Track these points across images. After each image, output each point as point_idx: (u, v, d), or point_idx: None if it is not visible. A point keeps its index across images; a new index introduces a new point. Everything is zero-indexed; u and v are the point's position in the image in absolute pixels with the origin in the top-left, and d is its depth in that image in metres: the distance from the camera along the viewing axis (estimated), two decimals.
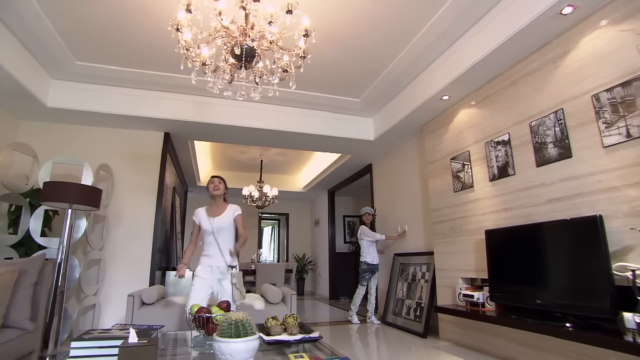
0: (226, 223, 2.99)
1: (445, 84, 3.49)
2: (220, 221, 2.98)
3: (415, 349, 3.59)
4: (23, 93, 3.64)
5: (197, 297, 2.83)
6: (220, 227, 2.97)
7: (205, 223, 3.00)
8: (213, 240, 2.95)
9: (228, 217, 3.03)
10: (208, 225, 2.98)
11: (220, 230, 2.96)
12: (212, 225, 2.96)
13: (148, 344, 1.24)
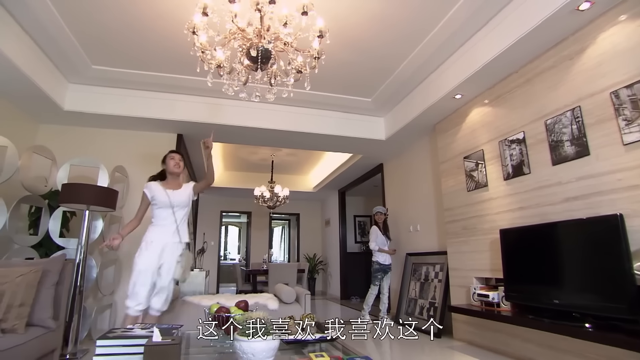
0: (185, 197, 2.85)
1: (457, 83, 3.47)
2: (179, 195, 2.83)
3: (429, 348, 3.58)
4: (42, 97, 3.73)
5: (144, 277, 2.63)
6: (179, 201, 2.81)
7: (162, 196, 2.78)
8: (169, 215, 2.78)
9: (187, 191, 2.90)
10: (165, 198, 2.78)
11: (180, 204, 2.81)
12: (170, 198, 2.78)
13: (172, 343, 1.26)
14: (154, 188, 2.83)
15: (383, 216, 5.16)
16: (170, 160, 2.92)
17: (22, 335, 2.09)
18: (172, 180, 2.91)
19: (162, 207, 2.76)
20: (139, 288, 2.60)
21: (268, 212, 8.88)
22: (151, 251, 2.68)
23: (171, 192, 2.80)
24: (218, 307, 1.79)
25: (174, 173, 2.91)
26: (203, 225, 8.00)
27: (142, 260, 2.65)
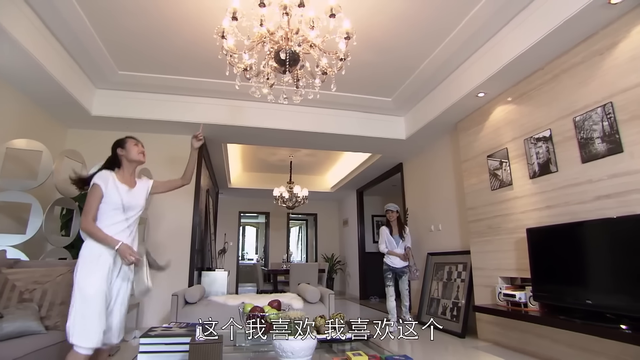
0: (141, 200, 2.16)
1: (481, 81, 3.43)
2: (136, 195, 2.12)
3: (454, 349, 3.56)
4: (72, 103, 3.86)
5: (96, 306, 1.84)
6: (136, 203, 2.11)
7: (114, 193, 2.01)
8: (122, 219, 2.02)
9: (143, 190, 2.20)
10: (117, 197, 2.01)
11: (135, 208, 2.10)
12: (123, 198, 2.03)
13: (215, 341, 1.30)
14: (110, 181, 2.03)
15: (395, 214, 4.66)
16: (133, 147, 2.18)
17: (63, 331, 2.17)
18: (127, 174, 2.17)
19: (114, 207, 2.01)
20: (91, 322, 1.80)
21: (286, 213, 8.94)
22: (101, 268, 1.90)
23: (125, 190, 2.07)
24: (252, 306, 1.83)
25: (136, 162, 2.19)
26: (222, 226, 8.12)
27: (91, 283, 1.85)
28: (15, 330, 1.93)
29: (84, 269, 1.89)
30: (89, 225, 1.94)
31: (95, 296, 1.83)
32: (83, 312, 1.80)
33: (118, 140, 2.21)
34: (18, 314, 2.00)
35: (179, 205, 4.63)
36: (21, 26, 2.81)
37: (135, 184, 2.17)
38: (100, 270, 1.89)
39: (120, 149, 2.15)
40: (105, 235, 1.93)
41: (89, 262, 1.91)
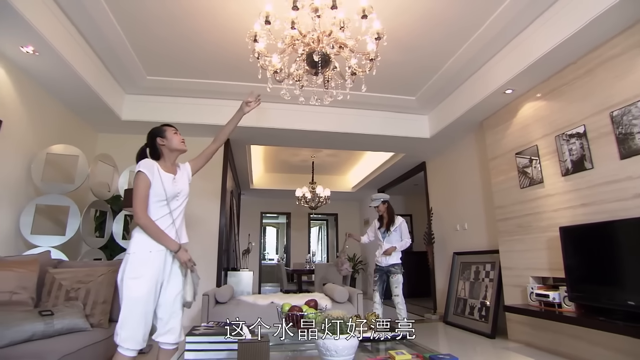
0: (186, 185, 2.08)
1: (509, 78, 3.37)
2: (181, 182, 2.04)
3: (484, 349, 3.51)
4: (104, 108, 3.99)
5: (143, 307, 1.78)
6: (180, 191, 2.02)
7: (159, 185, 1.91)
8: (166, 214, 1.93)
9: (185, 176, 2.10)
10: (161, 189, 1.91)
11: (180, 196, 2.02)
12: (167, 187, 1.93)
13: (263, 340, 1.33)
14: (155, 170, 1.94)
15: (384, 206, 4.15)
16: (174, 135, 2.09)
17: (107, 329, 2.26)
18: (169, 164, 2.07)
19: (159, 199, 1.91)
20: (137, 324, 1.75)
21: (307, 213, 8.98)
22: (151, 268, 1.82)
23: (170, 180, 1.97)
24: (290, 306, 1.85)
25: (178, 151, 2.10)
26: (245, 227, 8.22)
27: (139, 284, 1.77)
28: (65, 327, 2.02)
29: (131, 270, 1.78)
30: (147, 219, 1.83)
31: (141, 299, 1.76)
32: (129, 313, 1.75)
33: (155, 129, 2.11)
34: (66, 312, 2.09)
35: (205, 207, 4.72)
36: (59, 34, 2.93)
37: (177, 172, 2.07)
38: (150, 270, 1.80)
39: (160, 139, 2.05)
40: (165, 235, 1.85)
41: (137, 260, 1.80)
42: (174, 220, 1.95)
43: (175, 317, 1.91)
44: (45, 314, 1.99)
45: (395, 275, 3.95)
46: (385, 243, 4.04)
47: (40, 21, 2.66)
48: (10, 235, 3.15)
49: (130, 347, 1.75)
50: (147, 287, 1.78)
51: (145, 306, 1.78)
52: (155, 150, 2.07)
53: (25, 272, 2.14)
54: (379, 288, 4.09)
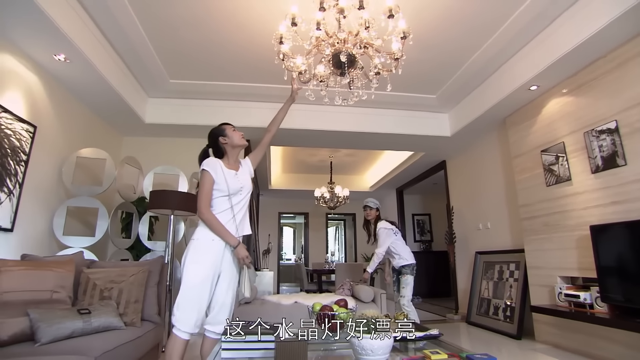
0: (248, 180, 2.19)
1: (534, 74, 3.31)
2: (241, 178, 2.14)
3: (510, 350, 3.45)
4: (128, 112, 4.08)
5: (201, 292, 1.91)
6: (243, 186, 2.12)
7: (222, 181, 2.03)
8: (228, 209, 2.04)
9: (246, 172, 2.23)
10: (234, 183, 2.06)
11: (243, 190, 2.12)
12: (230, 183, 2.05)
13: (301, 340, 1.34)
14: (218, 168, 2.07)
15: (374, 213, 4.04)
16: (234, 132, 2.19)
17: (140, 328, 2.32)
18: (232, 160, 2.20)
19: (222, 195, 2.04)
20: (192, 308, 1.88)
21: (324, 213, 8.99)
22: (212, 255, 1.95)
23: (232, 176, 2.08)
24: (321, 306, 1.87)
25: (239, 146, 2.22)
26: (263, 227, 8.28)
27: (198, 271, 1.90)
28: (101, 325, 2.08)
29: (193, 255, 1.94)
30: (209, 214, 1.97)
31: (199, 285, 1.89)
32: (186, 297, 1.89)
33: (215, 129, 2.23)
34: (102, 311, 2.15)
35: None
36: (88, 42, 3.02)
37: (239, 168, 2.20)
38: (210, 257, 1.94)
39: (222, 138, 2.18)
40: (226, 230, 1.97)
41: (200, 247, 1.95)
42: (234, 214, 2.06)
43: (225, 309, 2.01)
44: (83, 312, 2.05)
45: (404, 276, 3.80)
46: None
47: (72, 30, 2.75)
48: (44, 236, 3.26)
49: (183, 329, 1.89)
50: (205, 273, 1.92)
51: (201, 291, 1.90)
52: (218, 149, 2.21)
53: (63, 272, 2.21)
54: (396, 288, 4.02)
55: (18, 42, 2.75)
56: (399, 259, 3.85)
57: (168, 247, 3.60)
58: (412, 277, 3.78)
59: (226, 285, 2.01)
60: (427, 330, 1.97)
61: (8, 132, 2.71)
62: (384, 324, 1.49)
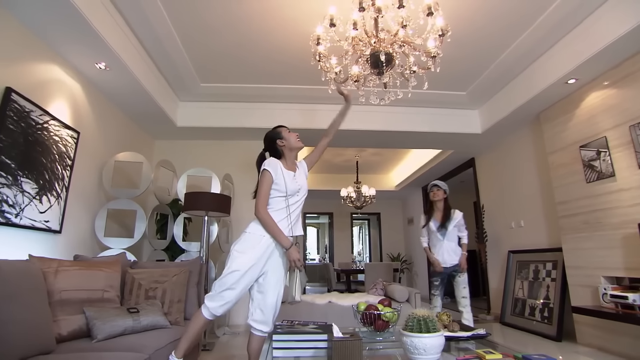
0: (304, 181, 2.24)
1: (572, 67, 3.21)
2: (298, 179, 2.17)
3: (552, 353, 3.34)
4: (162, 116, 4.20)
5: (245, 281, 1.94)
6: (300, 187, 2.16)
7: (281, 182, 2.06)
8: (283, 208, 2.07)
9: (302, 173, 2.26)
10: (292, 184, 2.09)
11: (300, 191, 2.15)
12: (288, 185, 2.07)
13: (355, 339, 1.35)
14: (278, 168, 2.09)
15: (441, 193, 3.60)
16: (289, 134, 2.22)
17: (184, 327, 2.37)
18: (290, 162, 2.23)
19: (279, 195, 2.07)
20: (228, 292, 1.92)
21: (349, 213, 8.97)
22: (259, 250, 1.98)
23: (291, 177, 2.11)
24: (366, 305, 1.87)
25: (297, 149, 2.26)
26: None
27: (244, 261, 1.93)
28: (149, 323, 2.15)
29: (243, 244, 1.99)
30: (266, 214, 2.00)
31: (240, 274, 1.91)
32: (225, 281, 1.92)
33: (272, 133, 2.25)
34: (149, 310, 2.22)
35: None
36: (127, 49, 3.12)
37: (296, 170, 2.22)
38: (256, 252, 1.96)
39: (280, 141, 2.21)
40: (280, 231, 1.98)
41: (250, 239, 2.00)
42: (289, 214, 2.08)
43: (271, 309, 2.01)
44: (132, 311, 2.13)
45: (462, 275, 3.51)
46: (446, 241, 3.53)
47: (113, 39, 2.85)
48: (87, 237, 3.39)
49: (208, 305, 1.93)
50: (248, 264, 1.93)
51: (241, 280, 1.92)
52: (276, 152, 2.23)
53: (111, 272, 2.29)
54: (440, 292, 3.59)
55: (65, 53, 2.89)
56: (454, 257, 3.51)
57: (203, 247, 3.68)
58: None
59: (274, 285, 2.02)
60: (473, 330, 1.94)
61: (56, 139, 2.84)
62: (435, 323, 1.48)
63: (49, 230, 2.80)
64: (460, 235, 3.60)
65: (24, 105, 2.49)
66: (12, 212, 2.38)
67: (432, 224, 3.59)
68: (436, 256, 3.54)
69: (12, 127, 2.38)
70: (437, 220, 3.58)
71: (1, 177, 2.29)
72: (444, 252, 3.51)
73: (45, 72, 2.78)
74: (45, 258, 2.07)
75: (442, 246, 3.53)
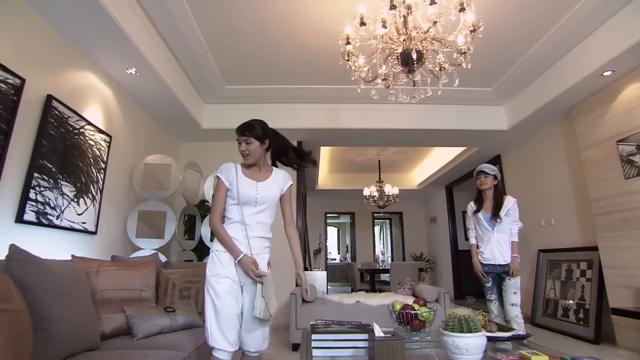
0: (271, 195, 1.92)
1: (609, 58, 3.08)
2: (263, 191, 1.89)
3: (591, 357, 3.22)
4: (188, 119, 4.27)
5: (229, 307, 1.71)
6: (260, 198, 1.87)
7: (234, 186, 1.85)
8: (239, 217, 1.83)
9: (276, 186, 1.95)
10: (247, 191, 1.85)
11: (258, 202, 1.87)
12: (250, 192, 1.85)
13: (398, 338, 1.33)
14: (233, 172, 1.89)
15: (490, 180, 3.11)
16: (238, 147, 1.96)
17: None
18: (263, 169, 1.98)
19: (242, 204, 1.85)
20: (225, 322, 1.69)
21: (370, 212, 8.92)
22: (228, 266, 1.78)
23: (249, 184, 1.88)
24: (401, 305, 1.85)
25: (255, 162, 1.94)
26: (311, 227, 8.37)
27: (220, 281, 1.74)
28: (185, 322, 2.19)
29: (211, 267, 1.78)
30: (215, 224, 1.81)
31: (224, 295, 1.70)
32: (216, 312, 1.68)
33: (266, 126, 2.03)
34: (184, 309, 2.27)
35: None
36: (156, 54, 3.20)
37: (267, 179, 1.93)
38: (225, 269, 1.75)
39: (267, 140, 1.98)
40: (230, 242, 1.76)
41: (216, 259, 1.78)
42: (245, 226, 1.82)
43: (252, 328, 1.79)
44: (169, 310, 2.18)
45: (514, 277, 2.93)
46: (496, 232, 3.03)
47: (143, 45, 2.93)
48: (119, 238, 3.49)
49: (219, 347, 1.66)
50: (225, 286, 1.72)
51: (227, 304, 1.70)
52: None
53: (147, 272, 2.35)
54: (495, 296, 3.06)
55: (98, 60, 2.99)
56: (506, 252, 3.00)
57: None
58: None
59: (247, 302, 1.80)
60: (512, 331, 1.89)
61: (91, 143, 2.94)
62: (476, 322, 1.45)
63: (86, 231, 2.89)
64: (511, 227, 3.05)
65: (62, 112, 2.58)
66: (54, 214, 2.48)
67: (482, 215, 3.10)
68: (484, 251, 3.04)
69: (53, 133, 2.48)
70: (486, 212, 3.10)
71: (44, 181, 2.38)
72: (493, 246, 3.00)
73: (80, 79, 2.87)
74: (86, 258, 2.14)
75: (490, 239, 3.02)
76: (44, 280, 1.41)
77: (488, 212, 3.09)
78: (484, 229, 3.09)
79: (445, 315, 1.45)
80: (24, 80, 2.21)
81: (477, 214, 3.13)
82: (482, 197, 3.16)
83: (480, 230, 3.13)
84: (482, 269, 3.07)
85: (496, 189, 3.12)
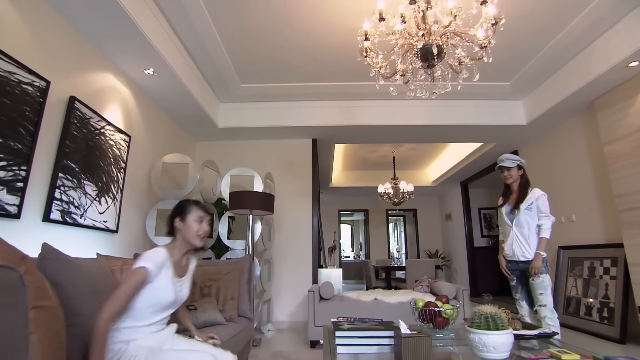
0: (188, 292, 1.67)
1: (635, 49, 2.99)
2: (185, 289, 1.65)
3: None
4: (204, 118, 4.31)
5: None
6: (183, 297, 1.62)
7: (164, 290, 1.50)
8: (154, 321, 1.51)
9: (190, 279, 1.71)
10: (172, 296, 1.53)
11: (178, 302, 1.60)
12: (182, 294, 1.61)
13: (425, 335, 1.32)
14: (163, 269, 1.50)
15: (515, 172, 2.91)
16: (195, 223, 1.61)
17: (238, 324, 2.44)
18: (183, 258, 1.66)
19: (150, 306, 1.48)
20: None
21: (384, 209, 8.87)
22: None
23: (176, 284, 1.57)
24: (424, 302, 1.83)
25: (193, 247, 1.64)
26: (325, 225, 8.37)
27: None
28: (206, 320, 2.21)
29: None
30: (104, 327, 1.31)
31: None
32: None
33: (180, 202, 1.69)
34: (206, 307, 2.29)
35: (297, 206, 4.89)
36: (173, 55, 3.23)
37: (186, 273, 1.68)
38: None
39: (178, 219, 1.61)
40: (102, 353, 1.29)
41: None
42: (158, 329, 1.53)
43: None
44: (191, 308, 2.20)
45: (539, 276, 2.68)
46: (515, 227, 2.82)
47: (161, 45, 2.96)
48: (139, 236, 3.55)
49: None
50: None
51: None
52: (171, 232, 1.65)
53: None
54: (522, 295, 2.87)
55: (117, 61, 3.04)
56: (529, 249, 2.77)
57: (248, 245, 3.76)
58: (548, 276, 2.73)
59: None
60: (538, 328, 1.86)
61: (112, 143, 2.99)
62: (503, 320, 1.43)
63: (108, 229, 2.95)
64: (539, 223, 2.78)
65: (85, 113, 2.63)
66: (78, 213, 2.53)
67: (504, 209, 2.94)
68: (506, 247, 2.88)
69: (76, 133, 2.53)
70: (510, 204, 2.91)
71: (68, 181, 2.44)
72: (513, 241, 2.82)
73: (101, 80, 2.92)
74: (111, 256, 2.18)
75: (510, 234, 2.85)
76: (74, 278, 1.44)
77: (510, 205, 2.92)
78: (504, 223, 2.96)
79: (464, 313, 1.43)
80: (49, 83, 2.26)
81: (501, 208, 3.00)
82: (509, 190, 3.00)
83: (503, 225, 3.01)
84: (507, 266, 2.93)
85: (521, 179, 2.92)
